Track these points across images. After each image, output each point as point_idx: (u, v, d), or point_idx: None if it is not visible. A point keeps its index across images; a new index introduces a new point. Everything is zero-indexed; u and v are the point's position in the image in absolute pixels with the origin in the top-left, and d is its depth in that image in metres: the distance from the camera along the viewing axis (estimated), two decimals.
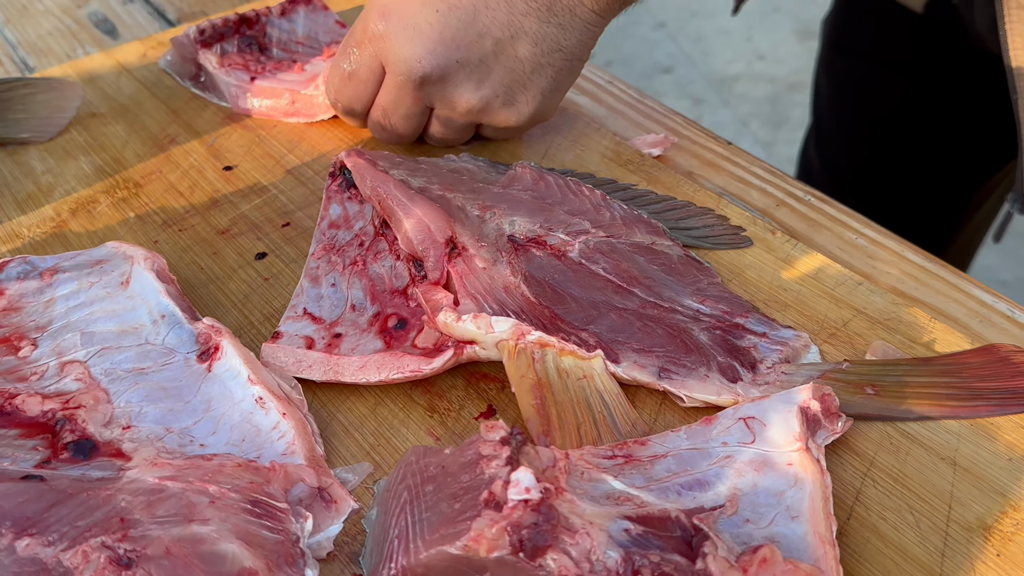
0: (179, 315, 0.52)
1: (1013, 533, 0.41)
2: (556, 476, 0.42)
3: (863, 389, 0.47)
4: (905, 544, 0.41)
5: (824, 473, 0.42)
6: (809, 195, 0.63)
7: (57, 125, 0.71)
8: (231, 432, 0.47)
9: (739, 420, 0.44)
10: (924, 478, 0.44)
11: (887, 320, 0.51)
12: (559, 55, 0.59)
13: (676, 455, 0.44)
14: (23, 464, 0.45)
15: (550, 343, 0.47)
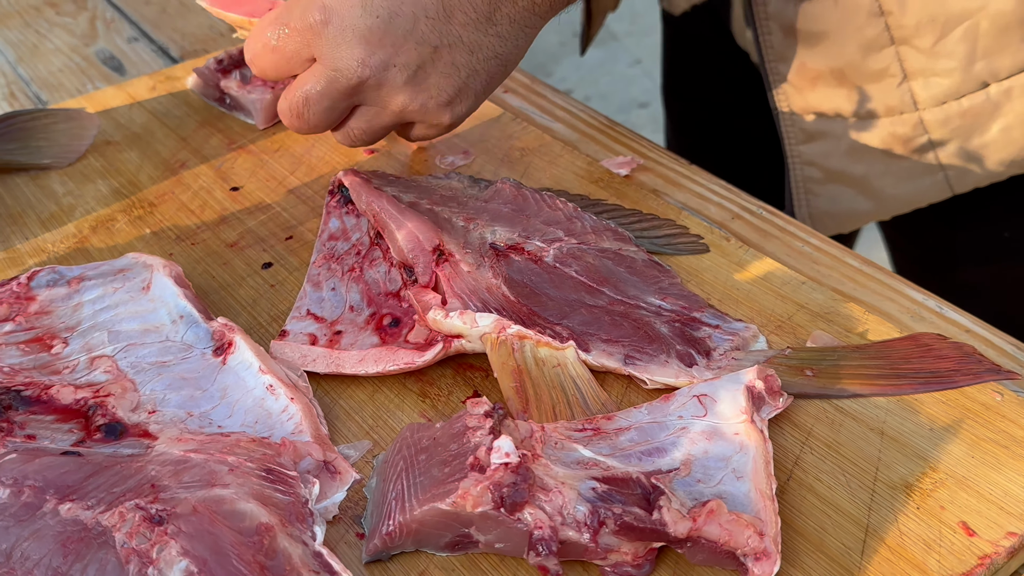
0: (196, 315, 0.58)
1: (932, 490, 0.48)
2: (533, 445, 0.48)
3: (803, 372, 0.53)
4: (837, 500, 0.48)
5: (766, 441, 0.49)
6: (762, 209, 0.70)
7: (76, 152, 0.77)
8: (245, 415, 0.53)
9: (693, 397, 0.50)
10: (855, 446, 0.50)
11: (826, 313, 0.57)
12: (495, 62, 0.62)
13: (638, 427, 0.50)
14: (61, 443, 0.51)
15: (528, 335, 0.54)
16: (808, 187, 0.81)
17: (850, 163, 0.80)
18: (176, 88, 0.85)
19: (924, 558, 0.45)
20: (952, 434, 0.50)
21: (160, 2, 1.04)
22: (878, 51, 0.75)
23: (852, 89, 0.77)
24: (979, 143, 0.76)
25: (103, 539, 0.44)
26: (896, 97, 0.76)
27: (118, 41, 0.98)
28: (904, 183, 0.79)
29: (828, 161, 0.80)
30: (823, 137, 0.80)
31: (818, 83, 0.78)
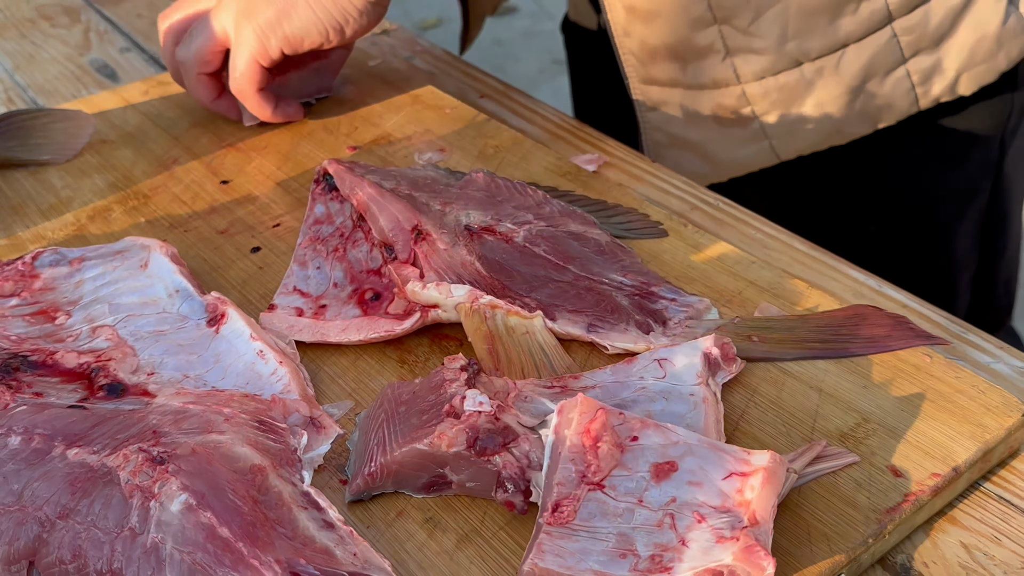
0: (191, 289, 0.62)
1: (864, 438, 0.52)
2: (505, 397, 0.52)
3: (750, 338, 0.58)
4: (778, 447, 0.52)
5: (718, 403, 0.53)
6: (719, 201, 0.75)
7: (73, 149, 0.81)
8: (237, 377, 0.57)
9: (654, 360, 0.55)
10: (796, 401, 0.55)
11: (773, 289, 0.62)
12: None
13: (603, 387, 0.54)
14: (67, 400, 0.55)
15: (499, 304, 0.58)
16: (657, 151, 0.90)
17: (687, 130, 0.88)
18: (168, 92, 0.89)
19: (855, 495, 0.50)
20: (884, 391, 0.55)
21: (151, 15, 1.09)
22: (703, 28, 0.83)
23: (684, 63, 0.85)
24: (797, 116, 0.85)
25: (108, 478, 0.49)
26: (721, 71, 0.85)
27: (111, 51, 1.03)
28: (734, 149, 0.88)
29: (670, 127, 0.89)
30: (664, 106, 0.88)
31: (657, 57, 0.86)
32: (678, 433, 0.47)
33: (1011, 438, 0.53)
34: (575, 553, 0.45)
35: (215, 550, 0.45)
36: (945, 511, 0.51)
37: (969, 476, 0.52)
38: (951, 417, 0.53)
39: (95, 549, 0.47)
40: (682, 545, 0.44)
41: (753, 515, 0.45)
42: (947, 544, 0.50)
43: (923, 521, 0.50)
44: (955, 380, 0.55)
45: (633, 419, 0.47)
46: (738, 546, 0.43)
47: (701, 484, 0.46)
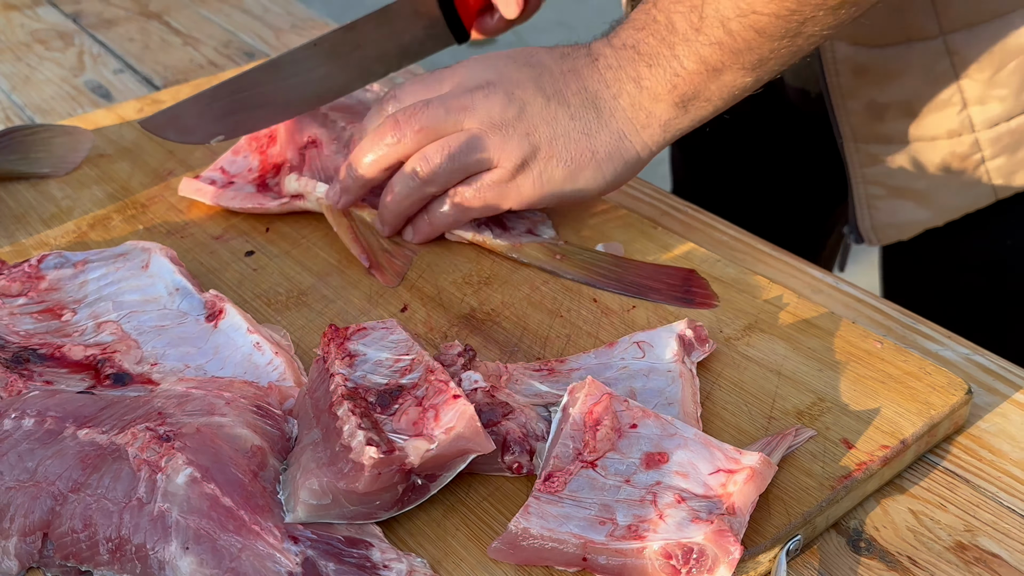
0: (190, 288, 0.66)
1: (818, 415, 0.57)
2: (498, 378, 0.56)
3: (554, 256, 0.70)
4: (740, 424, 0.56)
5: (694, 377, 0.58)
6: (688, 207, 0.79)
7: (72, 162, 0.85)
8: (236, 367, 0.61)
9: (634, 343, 0.59)
10: (756, 384, 0.59)
11: (737, 284, 0.67)
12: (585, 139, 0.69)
13: (587, 368, 0.59)
14: (74, 388, 0.59)
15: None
16: (871, 203, 0.90)
17: (912, 180, 0.88)
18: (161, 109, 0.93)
19: (810, 465, 0.54)
20: (838, 373, 0.59)
21: (143, 39, 1.13)
22: (944, 86, 0.84)
23: (917, 118, 0.86)
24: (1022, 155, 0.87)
25: (117, 454, 0.52)
26: (956, 122, 0.85)
27: (104, 72, 1.07)
28: (959, 194, 0.88)
29: (892, 180, 0.89)
30: (888, 160, 0.88)
31: (886, 114, 0.86)
32: (676, 426, 0.51)
33: (955, 414, 0.57)
34: (558, 517, 0.48)
35: (219, 517, 0.49)
36: (895, 481, 0.56)
37: (916, 449, 0.56)
38: (900, 396, 0.57)
39: (105, 518, 0.50)
40: (659, 519, 0.48)
41: (732, 505, 0.48)
42: (896, 511, 0.54)
43: (874, 490, 0.55)
44: (904, 363, 0.60)
45: (636, 407, 0.52)
46: (711, 528, 0.47)
47: (687, 476, 0.50)
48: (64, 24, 1.18)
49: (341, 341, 0.56)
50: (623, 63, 0.69)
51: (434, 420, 0.50)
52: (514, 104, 0.69)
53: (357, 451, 0.48)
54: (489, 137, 0.69)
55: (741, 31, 0.64)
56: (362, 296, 0.69)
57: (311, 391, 0.56)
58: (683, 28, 0.66)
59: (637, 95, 0.68)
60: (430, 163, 0.69)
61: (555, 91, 0.70)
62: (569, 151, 0.69)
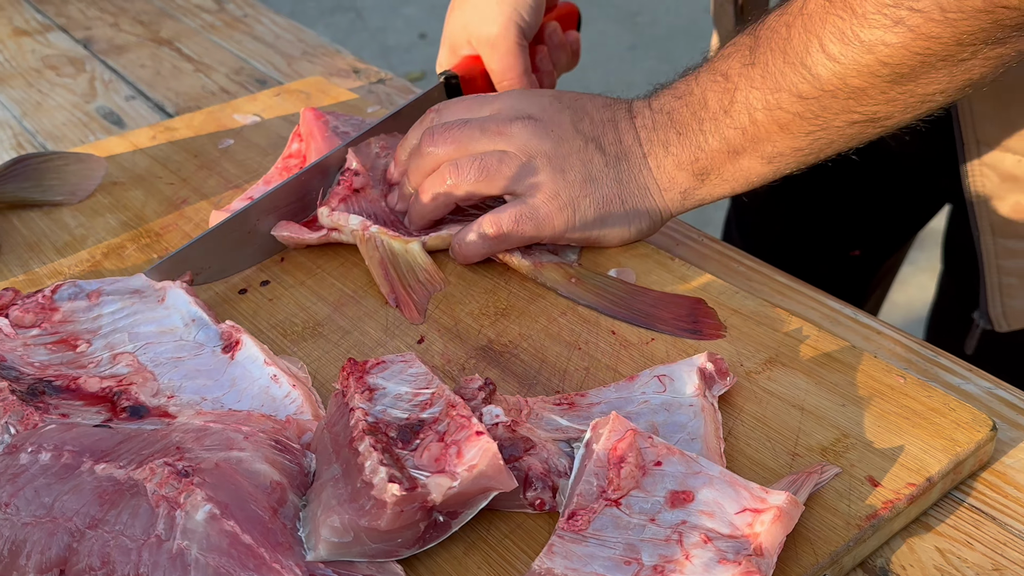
0: (206, 319, 0.65)
1: (843, 452, 0.56)
2: (519, 412, 0.56)
3: (570, 279, 0.70)
4: (764, 460, 0.56)
5: (716, 412, 0.57)
6: (703, 237, 0.79)
7: (85, 190, 0.85)
8: (253, 400, 0.61)
9: (654, 377, 0.59)
10: (779, 419, 0.58)
11: (756, 316, 0.66)
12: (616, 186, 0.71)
13: (607, 403, 0.58)
14: (90, 421, 0.58)
15: (386, 232, 0.72)
16: (1006, 291, 0.90)
17: None
18: (175, 137, 0.93)
19: (836, 504, 0.53)
20: (862, 409, 0.59)
21: (154, 65, 1.13)
22: None
23: None
24: None
25: (135, 490, 0.51)
26: None
27: (116, 99, 1.07)
28: None
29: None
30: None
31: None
32: (701, 464, 0.50)
33: (980, 451, 0.57)
34: (582, 557, 0.48)
35: (239, 555, 0.48)
36: (921, 519, 0.55)
37: (942, 486, 0.55)
38: (924, 432, 0.57)
39: (123, 556, 0.49)
40: (685, 559, 0.47)
41: (760, 546, 0.48)
42: (923, 549, 0.53)
43: (900, 528, 0.54)
44: (927, 399, 0.59)
45: (661, 445, 0.51)
46: (739, 570, 0.46)
47: (713, 515, 0.49)
48: (75, 50, 1.18)
49: (360, 375, 0.55)
50: (657, 126, 0.71)
51: (457, 457, 0.49)
52: (551, 138, 0.71)
53: (379, 488, 0.48)
54: (523, 162, 0.71)
55: (765, 123, 0.67)
56: (378, 327, 0.68)
57: (330, 425, 0.55)
58: (714, 107, 0.68)
59: (663, 158, 0.71)
60: (460, 171, 0.71)
61: (593, 136, 0.72)
62: (602, 193, 0.71)
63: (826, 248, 1.19)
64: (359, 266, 0.74)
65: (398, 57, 3.44)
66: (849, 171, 1.09)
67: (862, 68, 0.61)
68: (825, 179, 1.12)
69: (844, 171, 1.09)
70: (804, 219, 1.17)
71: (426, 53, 3.41)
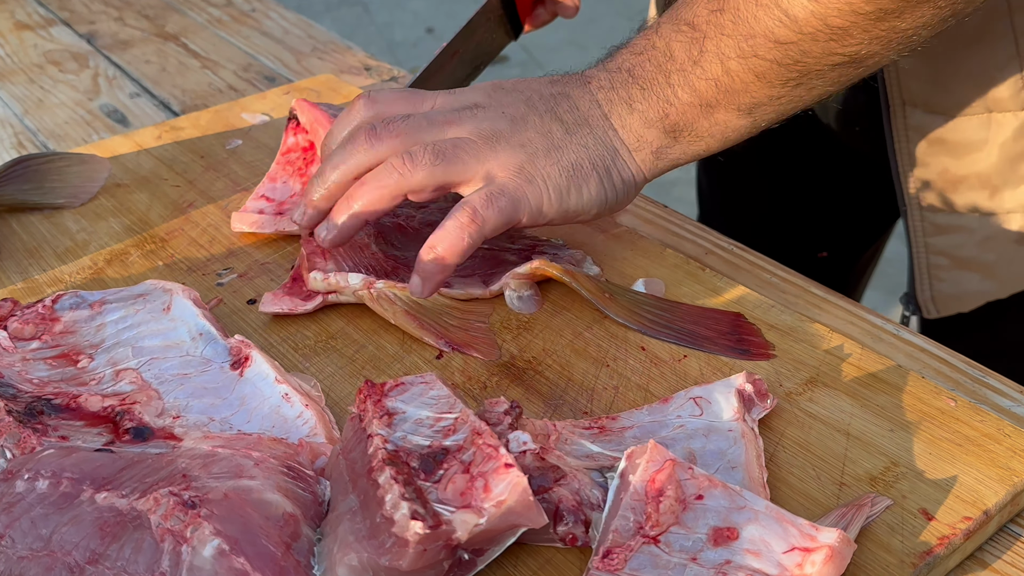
0: (214, 332, 0.62)
1: (893, 482, 0.53)
2: (547, 438, 0.52)
3: (603, 293, 0.66)
4: (809, 491, 0.52)
5: (757, 437, 0.54)
6: (732, 246, 0.75)
7: (88, 193, 0.81)
8: (263, 421, 0.57)
9: (690, 399, 0.55)
10: (823, 445, 0.55)
11: (793, 332, 0.63)
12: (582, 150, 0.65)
13: (640, 427, 0.55)
14: (92, 444, 0.55)
15: (395, 285, 0.65)
16: (934, 273, 0.86)
17: (981, 253, 0.84)
18: (180, 137, 0.90)
19: (888, 540, 0.50)
20: (911, 434, 0.55)
21: (159, 61, 1.10)
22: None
23: (993, 191, 0.82)
24: None
25: (138, 522, 0.48)
26: None
27: (120, 96, 1.03)
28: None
29: (959, 251, 0.84)
30: (956, 231, 0.84)
31: (959, 187, 0.82)
32: (745, 498, 0.47)
33: None
34: None
35: None
36: (976, 554, 0.51)
37: (999, 519, 0.52)
38: (978, 460, 0.53)
39: None
40: None
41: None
42: None
43: (955, 565, 0.50)
44: (980, 424, 0.56)
45: (702, 476, 0.47)
46: None
47: (760, 554, 0.45)
48: (78, 45, 1.14)
49: (378, 398, 0.52)
50: (616, 85, 0.66)
51: (484, 491, 0.46)
52: (503, 118, 0.65)
53: (401, 525, 0.44)
54: (479, 145, 0.64)
55: (740, 72, 0.62)
56: (394, 340, 0.65)
57: (346, 451, 0.52)
58: (681, 58, 0.64)
59: (628, 117, 0.66)
60: (413, 159, 0.62)
61: (547, 109, 0.66)
62: (568, 159, 0.64)
63: (791, 252, 1.14)
64: None
65: (404, 52, 3.40)
66: (809, 171, 1.05)
67: (844, 6, 0.57)
68: (787, 183, 1.08)
69: (804, 172, 1.06)
70: (766, 224, 1.13)
71: (433, 48, 3.37)
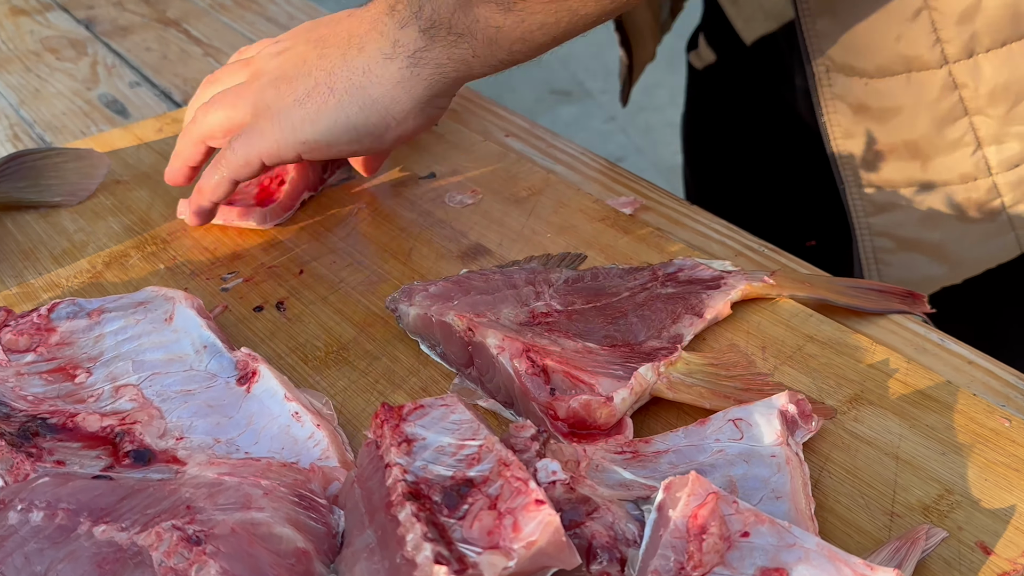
0: (219, 345, 0.58)
1: (948, 511, 0.49)
2: (576, 465, 0.49)
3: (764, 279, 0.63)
4: (858, 522, 0.49)
5: (802, 463, 0.50)
6: (763, 247, 0.72)
7: (86, 190, 0.78)
8: (271, 441, 0.54)
9: (729, 421, 0.52)
10: (872, 470, 0.51)
11: (835, 344, 0.59)
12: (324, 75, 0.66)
13: (676, 451, 0.51)
14: (89, 469, 0.51)
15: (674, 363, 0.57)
16: (879, 256, 0.82)
17: (924, 231, 0.80)
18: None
19: None
20: (964, 458, 0.52)
21: (160, 49, 1.06)
22: (952, 123, 0.76)
23: (925, 160, 0.78)
24: None
25: (139, 559, 0.45)
26: (970, 164, 0.77)
27: (120, 86, 0.99)
28: (978, 246, 0.80)
29: (901, 230, 0.81)
30: (895, 208, 0.80)
31: (890, 157, 0.78)
32: (794, 535, 0.43)
33: None
34: None
35: None
36: None
37: None
38: None
39: None
40: None
41: None
42: None
43: None
44: None
45: (747, 511, 0.44)
46: None
47: None
48: (76, 31, 1.10)
49: (396, 423, 0.48)
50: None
51: (512, 530, 0.42)
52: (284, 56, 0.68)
53: (423, 570, 0.41)
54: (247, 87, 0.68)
55: None
56: (410, 351, 0.61)
57: (361, 479, 0.48)
58: None
59: (387, 22, 0.64)
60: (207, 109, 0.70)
61: (320, 37, 0.67)
62: (304, 86, 0.66)
63: (780, 241, 1.11)
64: (387, 280, 0.67)
65: None
66: (785, 161, 1.01)
67: None
68: (765, 175, 1.04)
69: (781, 162, 1.02)
70: (751, 211, 1.08)
71: None
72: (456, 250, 0.70)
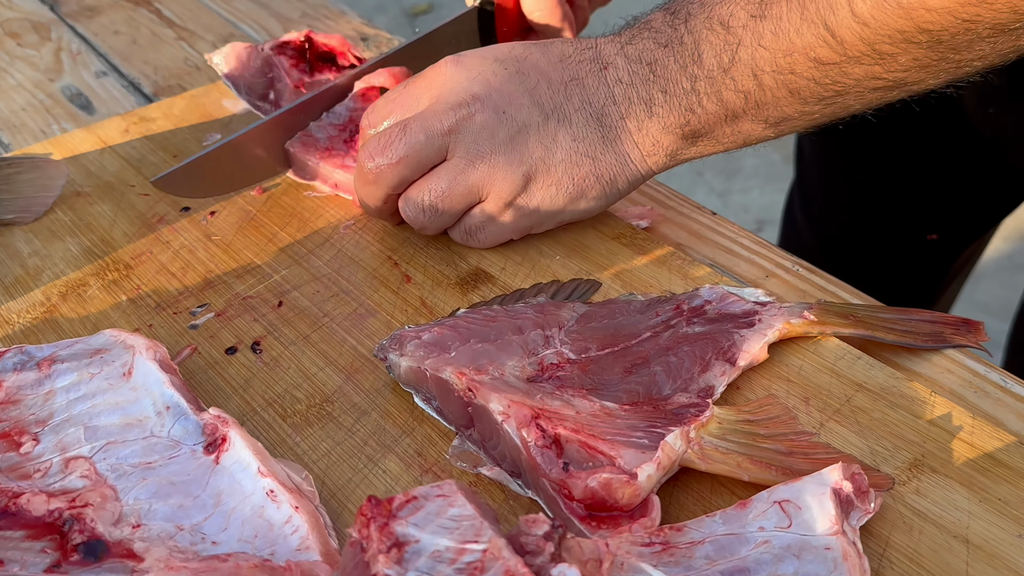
0: (184, 406, 0.51)
1: None
2: (597, 565, 0.42)
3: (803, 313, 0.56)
4: None
5: (861, 557, 0.43)
6: (797, 266, 0.64)
7: (42, 205, 0.70)
8: (243, 527, 0.46)
9: (774, 504, 0.44)
10: (939, 557, 0.44)
11: (888, 395, 0.52)
12: (589, 162, 0.61)
13: (713, 541, 0.44)
14: (33, 569, 0.44)
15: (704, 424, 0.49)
16: None
17: None
18: (151, 131, 0.78)
19: None
20: None
21: (130, 31, 0.97)
22: None
23: None
24: None
25: None
26: None
27: (85, 76, 0.91)
28: None
29: None
30: None
31: None
32: None
33: None
34: None
35: None
36: None
37: None
38: None
39: None
40: None
41: None
42: None
43: None
44: None
45: None
46: None
47: None
48: (40, 12, 1.02)
49: (385, 521, 0.41)
50: (636, 81, 0.60)
51: None
52: (504, 125, 0.59)
53: None
54: (477, 167, 0.60)
55: (773, 87, 0.57)
56: (402, 404, 0.54)
57: None
58: (710, 63, 0.58)
59: (646, 120, 0.61)
60: (413, 207, 0.62)
61: (555, 106, 0.61)
62: (571, 176, 0.61)
63: (901, 231, 1.04)
64: (377, 314, 0.60)
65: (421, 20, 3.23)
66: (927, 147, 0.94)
67: (896, 34, 0.51)
68: (900, 155, 0.97)
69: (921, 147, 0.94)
70: (877, 199, 1.02)
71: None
72: (454, 276, 0.62)
